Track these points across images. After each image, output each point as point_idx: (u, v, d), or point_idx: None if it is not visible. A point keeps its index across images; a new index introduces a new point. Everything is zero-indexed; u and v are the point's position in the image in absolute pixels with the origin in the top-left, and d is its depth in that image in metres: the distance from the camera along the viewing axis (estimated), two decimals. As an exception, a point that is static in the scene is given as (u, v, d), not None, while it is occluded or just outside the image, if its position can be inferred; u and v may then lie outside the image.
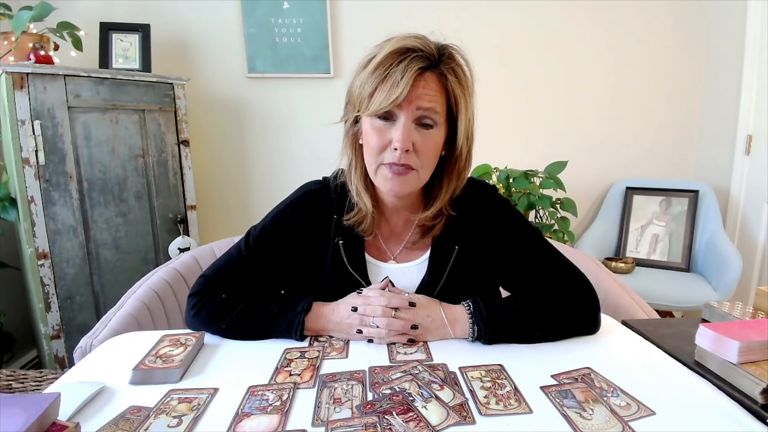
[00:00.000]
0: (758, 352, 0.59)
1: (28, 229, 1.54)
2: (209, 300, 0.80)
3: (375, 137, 0.73)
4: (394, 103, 0.69)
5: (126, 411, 0.57)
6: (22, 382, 1.39)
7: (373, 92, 0.71)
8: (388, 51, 0.71)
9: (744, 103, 2.14)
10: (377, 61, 0.71)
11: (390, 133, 0.72)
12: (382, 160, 0.74)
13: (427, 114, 0.72)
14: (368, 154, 0.76)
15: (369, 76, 0.72)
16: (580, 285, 0.81)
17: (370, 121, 0.74)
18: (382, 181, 0.76)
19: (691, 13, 2.36)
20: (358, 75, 0.75)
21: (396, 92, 0.68)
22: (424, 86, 0.71)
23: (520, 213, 0.88)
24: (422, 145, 0.73)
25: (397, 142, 0.71)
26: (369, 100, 0.71)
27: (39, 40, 1.69)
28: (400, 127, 0.71)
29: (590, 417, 0.54)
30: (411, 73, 0.69)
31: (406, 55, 0.70)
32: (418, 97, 0.71)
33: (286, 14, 2.16)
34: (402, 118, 0.71)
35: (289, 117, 2.28)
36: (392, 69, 0.69)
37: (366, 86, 0.72)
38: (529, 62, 2.35)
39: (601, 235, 2.32)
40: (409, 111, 0.71)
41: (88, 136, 1.64)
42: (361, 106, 0.74)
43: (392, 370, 0.66)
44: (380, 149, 0.74)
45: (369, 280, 0.83)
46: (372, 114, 0.72)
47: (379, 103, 0.70)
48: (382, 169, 0.75)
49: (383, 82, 0.70)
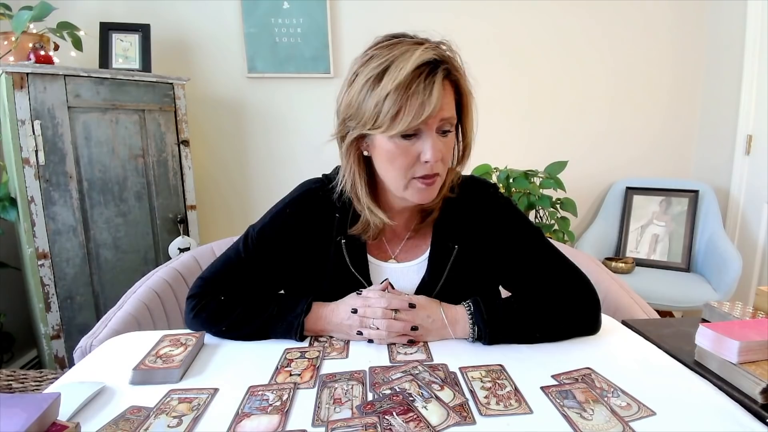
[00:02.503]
0: (758, 352, 0.59)
1: (28, 229, 1.54)
2: (208, 302, 0.80)
3: (401, 156, 0.72)
4: (424, 120, 0.68)
5: (126, 411, 0.57)
6: (22, 382, 1.39)
7: (398, 111, 0.68)
8: (412, 68, 0.67)
9: (744, 103, 2.14)
10: (400, 80, 0.67)
11: (415, 147, 0.71)
12: (413, 175, 0.73)
13: (447, 122, 0.72)
14: (394, 172, 0.74)
15: (390, 95, 0.68)
16: (581, 285, 0.81)
17: (391, 140, 0.71)
18: (415, 194, 0.75)
19: (691, 13, 2.36)
20: (367, 91, 0.70)
21: (427, 110, 0.67)
22: (444, 96, 0.70)
23: (521, 212, 0.88)
24: (446, 152, 0.74)
25: (429, 156, 0.70)
26: (393, 121, 0.68)
27: (39, 40, 1.69)
28: (429, 141, 0.70)
29: (591, 417, 0.54)
30: (438, 88, 0.68)
31: (426, 69, 0.68)
32: (440, 109, 0.70)
33: (286, 14, 2.16)
34: (428, 132, 0.71)
35: (289, 117, 2.28)
36: (416, 86, 0.67)
37: (386, 105, 0.68)
38: (529, 62, 2.35)
39: (601, 235, 2.31)
40: (433, 124, 0.70)
41: (88, 136, 1.64)
42: (379, 125, 0.70)
43: (392, 370, 0.66)
44: (409, 166, 0.73)
45: (370, 280, 0.83)
46: (398, 133, 0.70)
47: (407, 122, 0.68)
48: (413, 183, 0.74)
49: (408, 100, 0.67)
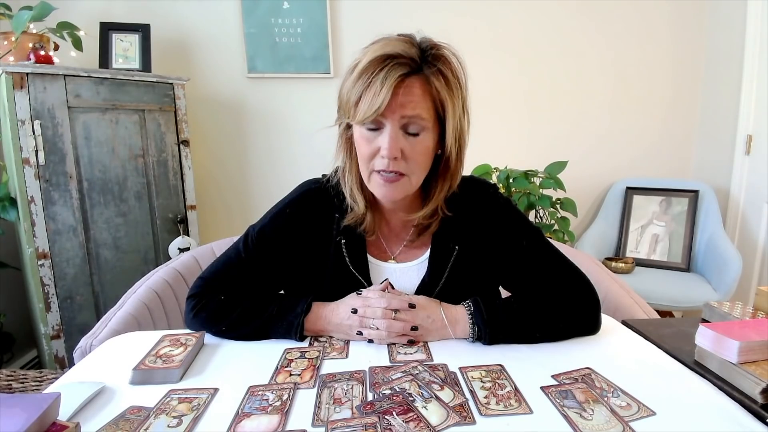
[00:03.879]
0: (758, 352, 0.59)
1: (28, 229, 1.54)
2: (208, 302, 0.80)
3: (364, 145, 0.73)
4: (376, 113, 0.68)
5: (126, 411, 0.57)
6: (22, 382, 1.39)
7: (358, 101, 0.70)
8: (369, 59, 0.69)
9: (744, 103, 2.14)
10: (360, 69, 0.70)
11: (378, 140, 0.72)
12: (373, 167, 0.74)
13: (412, 121, 0.71)
14: (360, 161, 0.76)
15: (353, 84, 0.71)
16: (581, 285, 0.81)
17: (359, 129, 0.74)
18: (376, 188, 0.76)
19: (691, 13, 2.36)
20: (344, 81, 0.74)
21: (377, 102, 0.68)
22: (407, 93, 0.70)
23: (521, 212, 0.88)
24: (411, 152, 0.73)
25: (384, 150, 0.71)
26: (355, 109, 0.71)
27: (39, 40, 1.69)
28: (387, 136, 0.71)
29: (590, 417, 0.54)
30: (391, 82, 0.68)
31: (386, 63, 0.69)
32: (401, 105, 0.69)
33: (286, 14, 2.16)
34: (388, 126, 0.71)
35: (289, 117, 2.28)
36: (374, 77, 0.68)
37: (351, 94, 0.71)
38: (529, 62, 2.35)
39: (601, 235, 2.31)
40: (394, 119, 0.70)
41: (88, 136, 1.64)
42: (348, 113, 0.73)
43: (392, 370, 0.66)
44: (370, 157, 0.74)
45: (370, 280, 0.83)
46: (358, 123, 0.72)
47: (363, 112, 0.69)
48: (374, 176, 0.75)
49: (366, 90, 0.69)
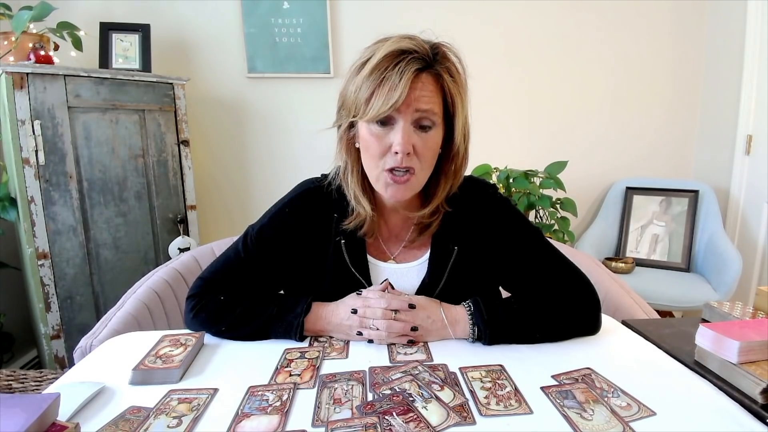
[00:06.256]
0: (758, 352, 0.59)
1: (28, 229, 1.54)
2: (207, 302, 0.80)
3: (374, 143, 0.72)
4: (393, 107, 0.68)
5: (126, 411, 0.57)
6: (22, 382, 1.39)
7: (370, 97, 0.70)
8: (383, 54, 0.69)
9: (744, 103, 2.14)
10: (372, 65, 0.69)
11: (389, 137, 0.72)
12: (384, 166, 0.73)
13: (425, 116, 0.71)
14: (369, 160, 0.75)
15: (364, 81, 0.70)
16: (581, 285, 0.81)
17: (368, 126, 0.73)
18: (384, 188, 0.75)
19: (691, 13, 2.36)
20: (351, 79, 0.73)
21: (395, 96, 0.68)
22: (422, 88, 0.70)
23: (521, 212, 0.88)
24: (422, 147, 0.73)
25: (398, 145, 0.70)
26: (366, 106, 0.70)
27: (39, 40, 1.69)
28: (400, 131, 0.70)
29: (591, 417, 0.54)
30: (408, 75, 0.68)
31: (401, 58, 0.69)
32: (416, 99, 0.70)
33: (286, 14, 2.16)
34: (401, 122, 0.71)
35: (289, 117, 2.28)
36: (388, 72, 0.68)
37: (362, 91, 0.70)
38: (529, 62, 2.35)
39: (601, 235, 2.31)
40: (407, 114, 0.70)
41: (88, 136, 1.64)
42: (357, 111, 0.72)
43: (392, 370, 0.66)
44: (381, 154, 0.73)
45: (370, 280, 0.83)
46: (371, 120, 0.71)
47: (377, 108, 0.69)
48: (383, 176, 0.74)
49: (380, 86, 0.69)
